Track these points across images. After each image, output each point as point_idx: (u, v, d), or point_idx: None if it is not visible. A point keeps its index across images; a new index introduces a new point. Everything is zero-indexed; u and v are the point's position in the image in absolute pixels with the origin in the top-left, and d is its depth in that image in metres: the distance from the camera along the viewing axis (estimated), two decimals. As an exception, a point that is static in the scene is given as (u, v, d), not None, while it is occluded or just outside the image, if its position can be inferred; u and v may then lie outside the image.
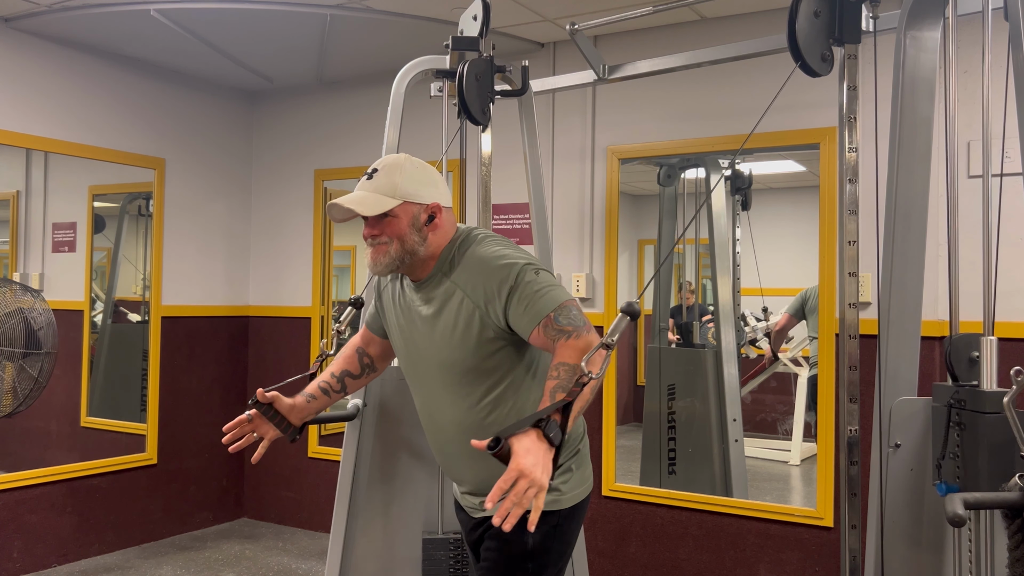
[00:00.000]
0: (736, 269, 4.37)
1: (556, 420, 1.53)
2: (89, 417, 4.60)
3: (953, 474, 1.78)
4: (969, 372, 1.84)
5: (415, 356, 1.94)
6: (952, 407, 1.80)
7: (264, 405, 1.95)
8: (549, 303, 1.73)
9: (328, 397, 2.07)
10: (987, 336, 1.79)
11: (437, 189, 1.86)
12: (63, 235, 4.50)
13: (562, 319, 1.72)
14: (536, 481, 1.46)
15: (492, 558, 1.89)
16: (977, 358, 1.81)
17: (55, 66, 4.22)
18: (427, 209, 1.83)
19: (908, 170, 2.06)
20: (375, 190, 1.82)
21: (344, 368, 2.11)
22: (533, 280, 1.75)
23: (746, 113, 3.67)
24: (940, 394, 1.86)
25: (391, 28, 3.88)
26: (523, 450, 1.47)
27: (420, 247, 1.83)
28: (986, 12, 1.89)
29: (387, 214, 1.81)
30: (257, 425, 1.96)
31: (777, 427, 4.83)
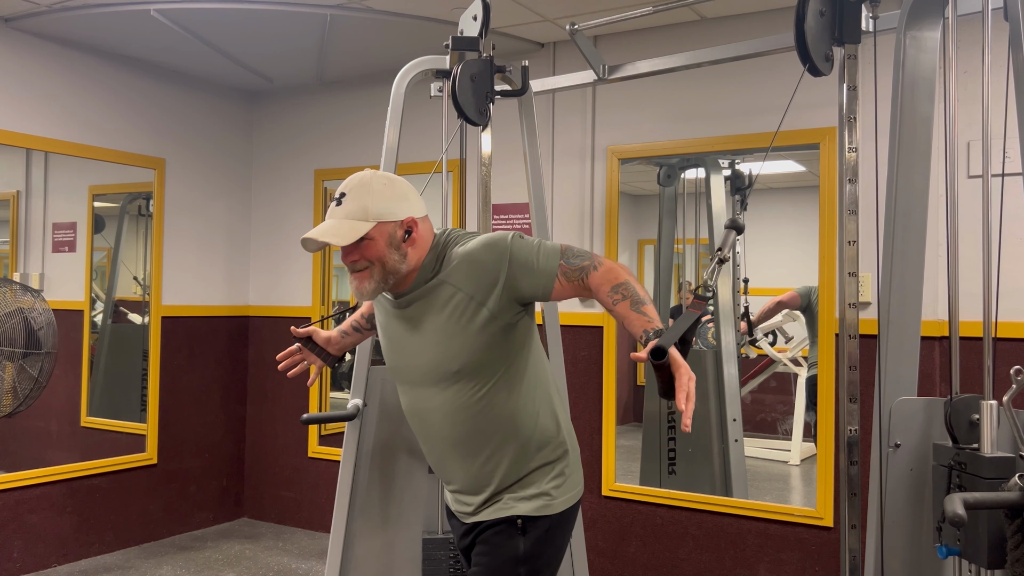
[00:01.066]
0: (736, 269, 4.37)
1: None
2: (89, 417, 4.60)
3: (953, 537, 1.77)
4: (969, 434, 1.83)
5: (403, 360, 1.92)
6: (952, 469, 1.80)
7: (303, 339, 2.18)
8: (553, 255, 1.79)
9: (360, 334, 2.24)
10: (987, 400, 1.79)
11: (408, 202, 1.82)
12: (63, 235, 4.50)
13: (574, 260, 1.78)
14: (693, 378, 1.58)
15: (484, 563, 1.88)
16: (978, 421, 1.80)
17: (55, 66, 4.22)
18: (402, 225, 1.80)
19: (908, 170, 2.06)
20: (347, 216, 1.77)
21: (372, 313, 2.21)
22: (523, 245, 1.79)
23: (746, 113, 3.67)
24: (940, 455, 1.86)
25: (391, 28, 3.88)
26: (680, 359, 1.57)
27: (402, 264, 1.80)
28: (986, 12, 1.89)
29: (363, 238, 1.77)
30: (305, 355, 2.20)
31: (777, 427, 4.83)
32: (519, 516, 1.86)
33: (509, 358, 1.84)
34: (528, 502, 1.87)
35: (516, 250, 1.78)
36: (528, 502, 1.87)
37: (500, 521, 1.87)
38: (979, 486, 1.73)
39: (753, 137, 3.66)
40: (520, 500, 1.87)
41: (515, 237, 1.81)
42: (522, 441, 1.87)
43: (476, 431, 1.85)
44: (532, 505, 1.86)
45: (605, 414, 3.95)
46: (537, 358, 1.92)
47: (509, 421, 1.85)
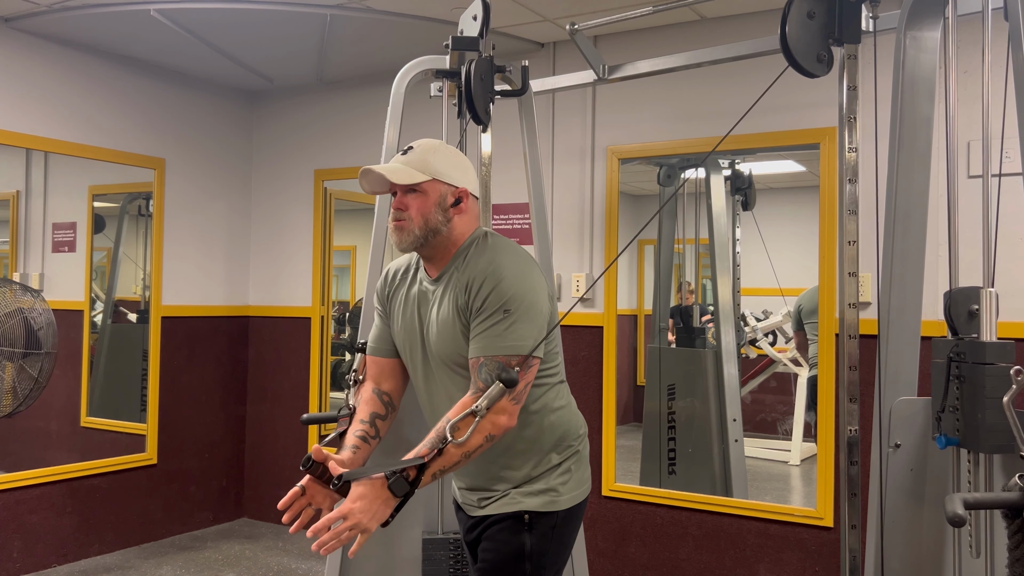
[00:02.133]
0: (736, 269, 4.37)
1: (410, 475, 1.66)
2: (89, 417, 4.60)
3: (953, 427, 1.79)
4: (968, 325, 1.83)
5: (419, 349, 1.94)
6: (952, 360, 1.80)
7: (319, 465, 1.82)
8: (500, 348, 1.74)
9: (368, 444, 1.99)
10: (987, 288, 1.79)
11: (467, 176, 1.90)
12: (63, 235, 4.50)
13: (492, 376, 1.72)
14: (359, 525, 1.62)
15: (489, 559, 1.89)
16: (977, 311, 1.81)
17: (55, 66, 4.22)
18: (455, 192, 1.87)
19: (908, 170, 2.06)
20: (408, 163, 1.85)
21: (371, 411, 2.02)
22: (504, 319, 1.74)
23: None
24: (940, 348, 1.86)
25: (391, 28, 3.88)
26: (356, 495, 1.63)
27: (443, 227, 1.85)
28: (986, 12, 1.89)
29: (415, 188, 1.84)
30: (312, 495, 1.84)
31: (777, 427, 4.83)
32: (526, 511, 1.87)
33: None
34: (535, 497, 1.88)
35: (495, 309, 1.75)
36: (535, 497, 1.88)
37: (507, 516, 1.88)
38: (979, 373, 1.73)
39: (753, 137, 3.66)
40: (527, 495, 1.88)
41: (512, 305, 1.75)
42: (532, 436, 1.88)
43: None
44: (539, 500, 1.88)
45: (605, 414, 3.95)
46: (550, 355, 1.93)
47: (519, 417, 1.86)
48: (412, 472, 1.66)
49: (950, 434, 1.80)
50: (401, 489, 1.66)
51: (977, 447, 1.75)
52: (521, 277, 1.80)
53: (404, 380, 2.08)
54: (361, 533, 1.64)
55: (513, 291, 1.77)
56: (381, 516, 1.66)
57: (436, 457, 1.68)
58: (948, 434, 1.80)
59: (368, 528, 1.63)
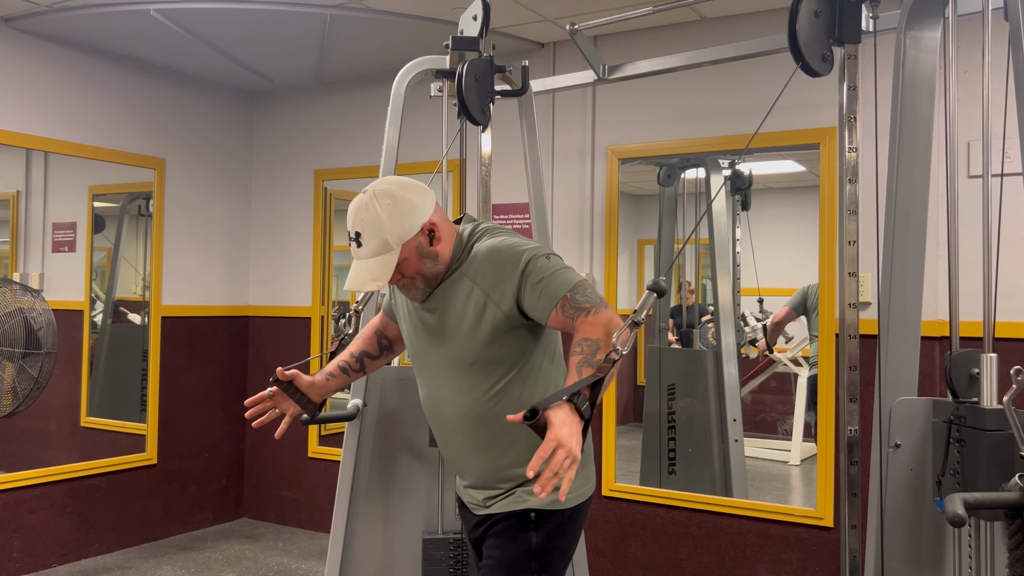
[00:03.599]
0: (736, 269, 4.37)
1: (586, 395, 1.55)
2: (89, 417, 4.60)
3: (954, 490, 1.76)
4: (969, 388, 1.82)
5: (424, 349, 1.95)
6: (952, 424, 1.79)
7: (284, 383, 1.98)
8: (563, 284, 1.76)
9: (347, 376, 2.10)
10: (987, 353, 1.78)
11: (418, 208, 1.82)
12: (63, 235, 4.50)
13: (579, 297, 1.75)
14: (572, 452, 1.47)
15: (495, 556, 1.90)
16: (977, 375, 1.80)
17: (55, 66, 4.22)
18: (423, 232, 1.83)
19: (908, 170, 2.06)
20: (372, 255, 1.80)
21: (363, 349, 2.14)
22: (544, 265, 1.79)
23: (746, 113, 3.67)
24: (940, 410, 1.86)
25: (391, 28, 3.88)
26: (559, 421, 1.48)
27: (437, 264, 1.86)
28: (986, 12, 1.89)
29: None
30: (278, 402, 1.99)
31: (777, 427, 4.83)
32: (532, 509, 1.87)
33: (524, 353, 1.87)
34: None
35: (535, 265, 1.79)
36: None
37: (513, 514, 1.89)
38: (979, 439, 1.73)
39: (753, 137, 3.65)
40: (533, 493, 1.87)
41: (541, 256, 1.81)
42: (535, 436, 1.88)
43: (492, 424, 1.87)
44: (545, 499, 1.87)
45: (605, 414, 3.95)
46: (552, 353, 1.95)
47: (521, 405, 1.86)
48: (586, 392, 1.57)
49: None
50: (587, 411, 1.55)
51: (979, 514, 1.71)
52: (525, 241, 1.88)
53: None
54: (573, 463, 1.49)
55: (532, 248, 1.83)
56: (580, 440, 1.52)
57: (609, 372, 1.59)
58: None
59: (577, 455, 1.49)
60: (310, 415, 2.04)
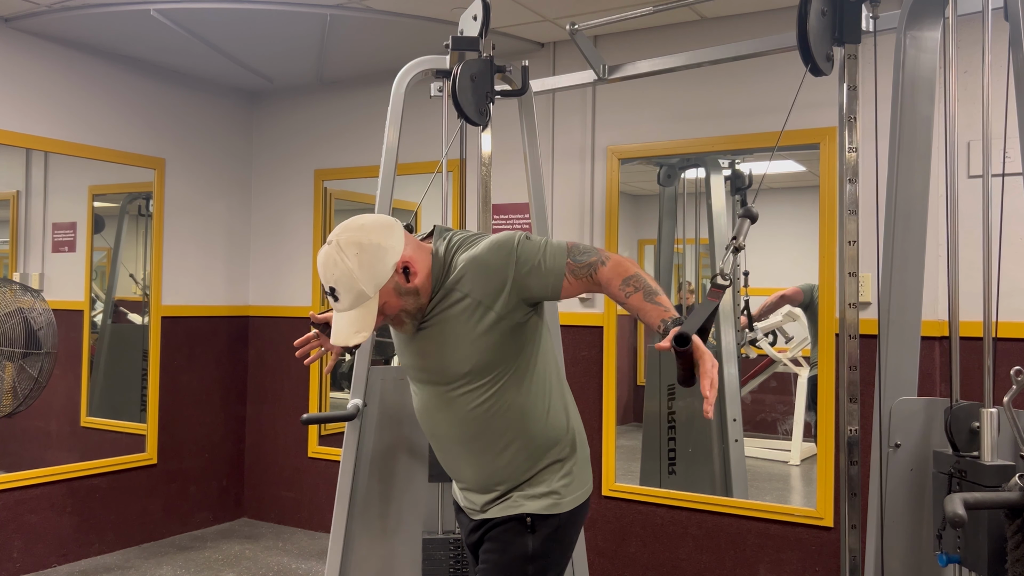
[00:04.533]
0: (736, 269, 4.37)
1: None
2: (89, 417, 4.60)
3: (954, 545, 1.77)
4: (969, 443, 1.82)
5: (419, 362, 1.93)
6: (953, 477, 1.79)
7: (321, 324, 2.12)
8: (558, 254, 1.79)
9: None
10: (987, 408, 1.78)
11: (388, 250, 1.77)
12: (63, 235, 4.50)
13: (581, 256, 1.79)
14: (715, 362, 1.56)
15: (492, 560, 1.89)
16: (978, 428, 1.80)
17: (55, 66, 4.22)
18: (398, 271, 1.79)
19: (908, 170, 2.06)
20: (351, 307, 1.77)
21: None
22: (529, 247, 1.80)
23: (746, 113, 3.67)
24: (941, 463, 1.86)
25: (391, 28, 3.88)
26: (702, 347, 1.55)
27: (420, 298, 1.83)
28: (986, 12, 1.89)
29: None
30: (323, 340, 2.13)
31: (777, 427, 4.83)
32: (528, 514, 1.86)
33: (518, 356, 1.86)
34: (538, 500, 1.88)
35: (522, 252, 1.78)
36: (538, 500, 1.88)
37: (509, 519, 1.88)
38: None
39: (753, 137, 3.66)
40: (530, 498, 1.88)
41: (521, 238, 1.81)
42: (532, 439, 1.88)
43: (487, 429, 1.86)
44: (542, 504, 1.87)
45: (605, 414, 3.95)
46: (546, 355, 1.93)
47: (519, 419, 1.86)
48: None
49: (951, 552, 1.78)
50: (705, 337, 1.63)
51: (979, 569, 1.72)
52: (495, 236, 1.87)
53: None
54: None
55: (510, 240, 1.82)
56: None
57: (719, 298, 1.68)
58: (949, 552, 1.78)
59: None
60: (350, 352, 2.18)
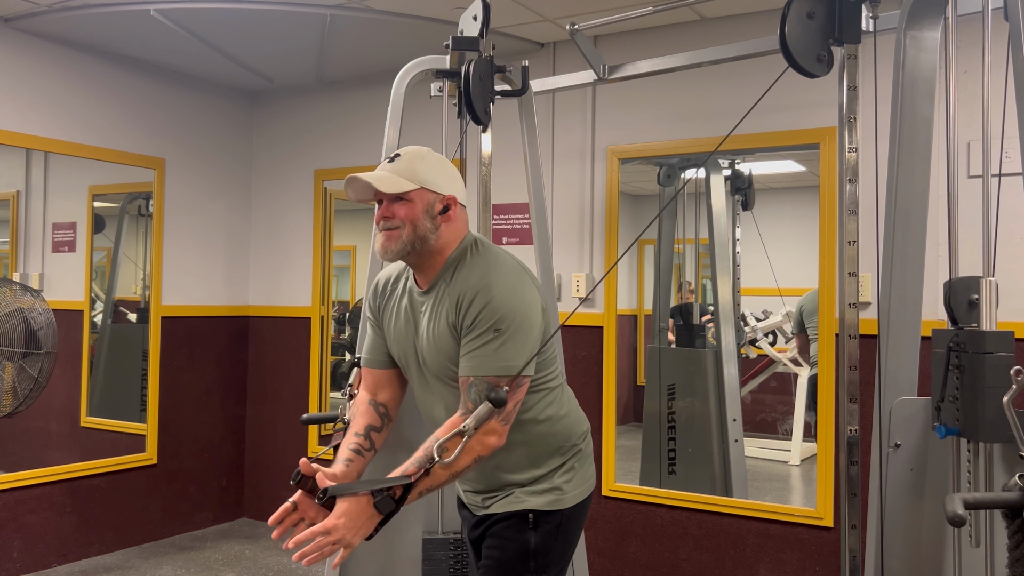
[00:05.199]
0: (736, 269, 4.37)
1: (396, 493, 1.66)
2: (89, 417, 4.60)
3: (953, 417, 1.78)
4: (968, 315, 1.82)
5: (415, 359, 1.93)
6: (952, 350, 1.79)
7: (309, 479, 1.79)
8: (488, 368, 1.72)
9: (363, 457, 1.97)
10: (987, 277, 1.78)
11: (455, 184, 1.88)
12: (63, 235, 4.50)
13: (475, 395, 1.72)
14: (342, 540, 1.62)
15: (494, 556, 1.90)
16: (977, 300, 1.80)
17: (55, 66, 4.22)
18: (443, 200, 1.84)
19: (908, 170, 2.06)
20: (396, 172, 1.82)
21: (367, 423, 2.00)
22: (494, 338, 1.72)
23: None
24: (939, 339, 1.85)
25: (391, 28, 3.88)
26: (341, 512, 1.64)
27: (431, 235, 1.82)
28: (986, 12, 1.89)
29: (402, 197, 1.80)
30: (304, 510, 1.79)
31: (777, 427, 4.83)
32: (531, 510, 1.87)
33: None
34: (540, 496, 1.88)
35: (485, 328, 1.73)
36: (540, 496, 1.88)
37: (512, 514, 1.89)
38: (979, 363, 1.73)
39: (753, 137, 3.66)
40: (532, 494, 1.88)
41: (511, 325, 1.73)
42: (534, 438, 1.88)
43: None
44: (544, 499, 1.88)
45: (605, 414, 3.95)
46: (547, 361, 1.92)
47: (524, 420, 1.86)
48: (398, 491, 1.66)
49: (950, 424, 1.79)
50: (386, 507, 1.66)
51: (977, 437, 1.74)
52: (512, 293, 1.77)
53: (401, 389, 2.06)
54: (344, 548, 1.64)
55: (504, 309, 1.74)
56: (365, 532, 1.67)
57: (423, 477, 1.67)
58: (948, 424, 1.79)
59: (351, 543, 1.63)
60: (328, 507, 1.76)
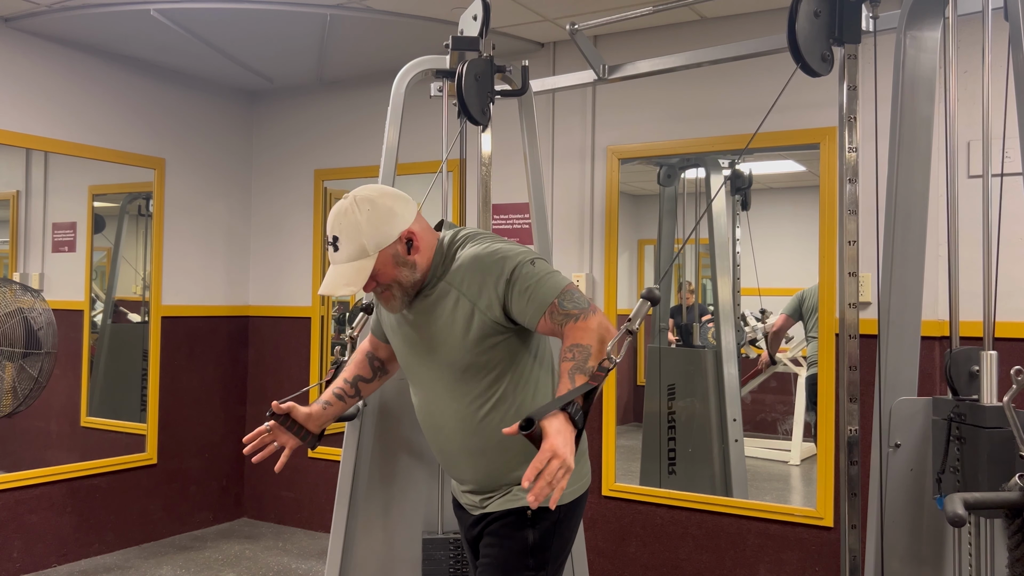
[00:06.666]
0: (736, 269, 4.37)
1: (579, 404, 1.57)
2: (89, 417, 4.60)
3: (954, 488, 1.77)
4: (969, 386, 1.83)
5: (414, 357, 1.94)
6: (952, 421, 1.79)
7: (281, 416, 2.00)
8: (551, 291, 1.76)
9: (343, 403, 2.11)
10: (987, 351, 1.78)
11: (397, 216, 1.81)
12: (63, 235, 4.50)
13: (567, 303, 1.75)
14: (566, 462, 1.49)
15: (492, 554, 1.90)
16: (977, 372, 1.80)
17: (55, 66, 4.22)
18: (401, 240, 1.81)
19: (908, 170, 2.06)
20: (348, 259, 1.79)
21: (356, 373, 2.15)
22: (530, 271, 1.78)
23: (746, 113, 3.67)
24: (940, 408, 1.86)
25: (391, 28, 3.88)
26: (555, 431, 1.51)
27: (415, 274, 1.84)
28: (986, 12, 1.89)
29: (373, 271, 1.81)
30: (276, 435, 2.03)
31: (777, 427, 4.83)
32: (528, 507, 1.87)
33: (515, 358, 1.86)
34: None
35: (520, 272, 1.78)
36: None
37: (509, 512, 1.89)
38: (979, 436, 1.72)
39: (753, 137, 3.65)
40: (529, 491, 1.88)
41: (526, 262, 1.79)
42: None
43: (487, 428, 1.87)
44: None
45: (605, 414, 3.95)
46: (543, 351, 1.94)
47: (519, 415, 1.86)
48: (580, 400, 1.59)
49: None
50: (581, 420, 1.57)
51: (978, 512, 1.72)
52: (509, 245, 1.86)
53: None
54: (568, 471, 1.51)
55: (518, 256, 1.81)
56: (574, 450, 1.53)
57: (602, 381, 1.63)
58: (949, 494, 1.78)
59: (571, 464, 1.51)
60: (310, 446, 2.05)
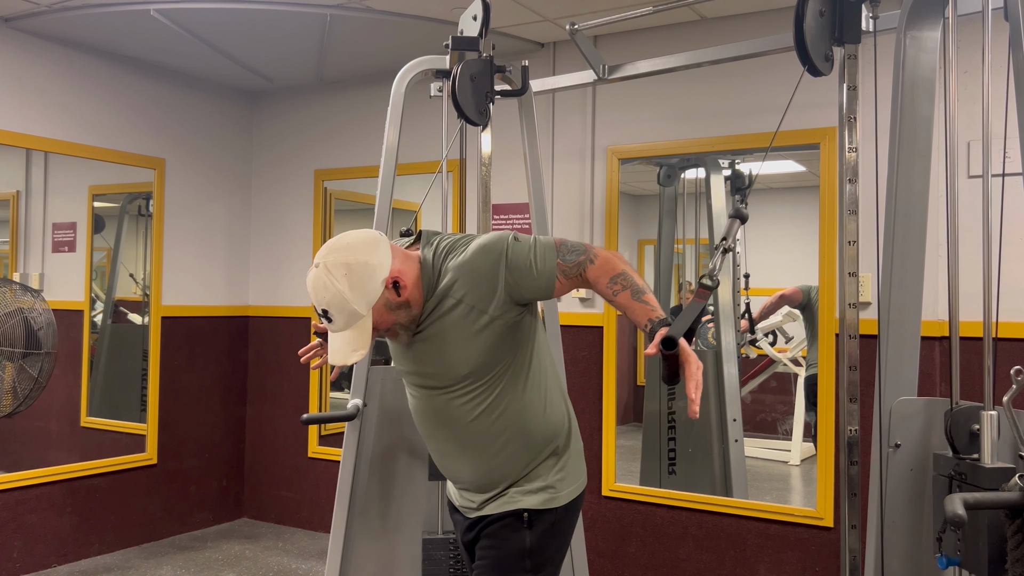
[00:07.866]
0: (736, 269, 4.37)
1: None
2: (89, 417, 4.60)
3: (954, 547, 1.77)
4: (969, 445, 1.83)
5: (412, 366, 1.93)
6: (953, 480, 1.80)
7: (324, 333, 2.04)
8: (548, 253, 1.80)
9: None
10: (988, 411, 1.78)
11: (376, 268, 1.76)
12: (63, 235, 4.50)
13: (569, 256, 1.80)
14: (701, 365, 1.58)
15: (489, 556, 1.90)
16: (978, 431, 1.80)
17: (55, 66, 4.22)
18: (387, 288, 1.78)
19: (908, 170, 2.06)
20: (345, 327, 1.78)
21: None
22: (520, 248, 1.80)
23: (746, 113, 3.67)
24: (941, 465, 1.86)
25: (391, 28, 3.88)
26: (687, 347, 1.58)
27: (412, 310, 1.83)
28: (986, 12, 1.89)
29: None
30: (325, 349, 2.09)
31: (777, 427, 4.83)
32: (525, 509, 1.87)
33: (515, 354, 1.86)
34: (534, 495, 1.88)
35: (513, 254, 1.79)
36: (534, 495, 1.88)
37: (506, 515, 1.89)
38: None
39: (753, 137, 3.66)
40: (526, 493, 1.88)
41: (510, 240, 1.81)
42: (530, 436, 1.89)
43: (486, 430, 1.86)
44: (538, 499, 1.88)
45: (605, 414, 3.95)
46: (541, 351, 1.94)
47: (518, 417, 1.86)
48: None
49: (951, 554, 1.77)
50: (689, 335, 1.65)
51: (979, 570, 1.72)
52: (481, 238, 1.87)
53: None
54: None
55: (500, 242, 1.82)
56: None
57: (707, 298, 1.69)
58: (949, 554, 1.78)
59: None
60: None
